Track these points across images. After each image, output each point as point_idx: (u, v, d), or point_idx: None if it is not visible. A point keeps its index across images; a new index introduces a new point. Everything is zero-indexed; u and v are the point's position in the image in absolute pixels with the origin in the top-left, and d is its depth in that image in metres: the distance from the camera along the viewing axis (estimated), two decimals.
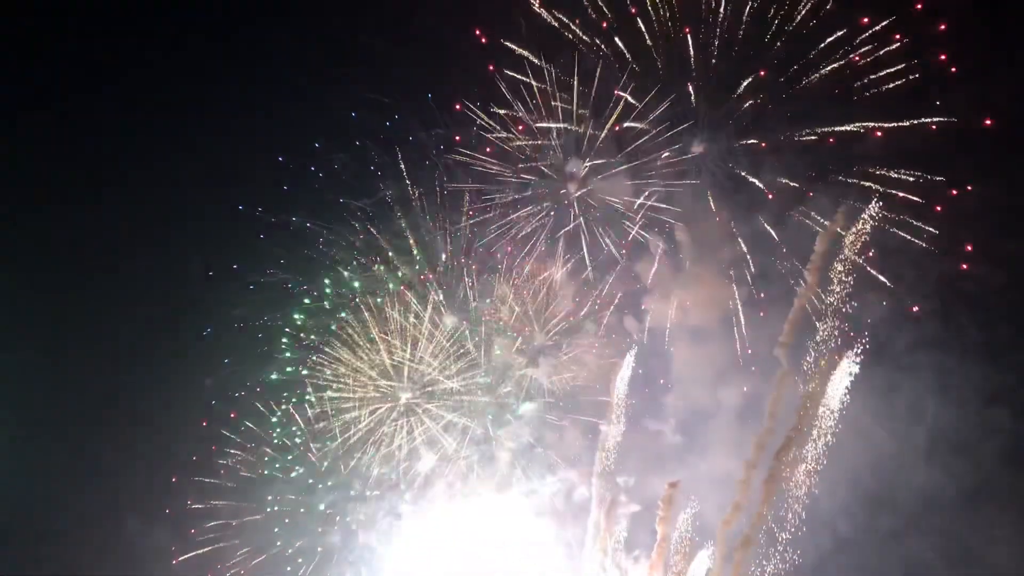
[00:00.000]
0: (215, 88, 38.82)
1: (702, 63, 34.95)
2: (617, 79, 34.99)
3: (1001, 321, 32.85)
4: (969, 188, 32.92)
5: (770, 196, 34.72)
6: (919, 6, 32.71)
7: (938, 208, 33.45)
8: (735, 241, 35.22)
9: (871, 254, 34.51)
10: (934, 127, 32.89)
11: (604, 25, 34.88)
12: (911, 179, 33.71)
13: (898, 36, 32.79)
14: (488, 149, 36.24)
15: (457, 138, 36.32)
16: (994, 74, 32.02)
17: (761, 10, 34.02)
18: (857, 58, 33.38)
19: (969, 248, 33.33)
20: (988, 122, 32.37)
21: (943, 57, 32.39)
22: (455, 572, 36.90)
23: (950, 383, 33.01)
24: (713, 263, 35.61)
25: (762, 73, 34.38)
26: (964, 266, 33.35)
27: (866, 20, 32.91)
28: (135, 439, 38.95)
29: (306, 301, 37.81)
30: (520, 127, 35.87)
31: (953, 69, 32.30)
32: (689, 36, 34.64)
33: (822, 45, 33.61)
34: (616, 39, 34.85)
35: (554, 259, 36.76)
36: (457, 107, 35.96)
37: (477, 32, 35.37)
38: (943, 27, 32.35)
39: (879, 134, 33.65)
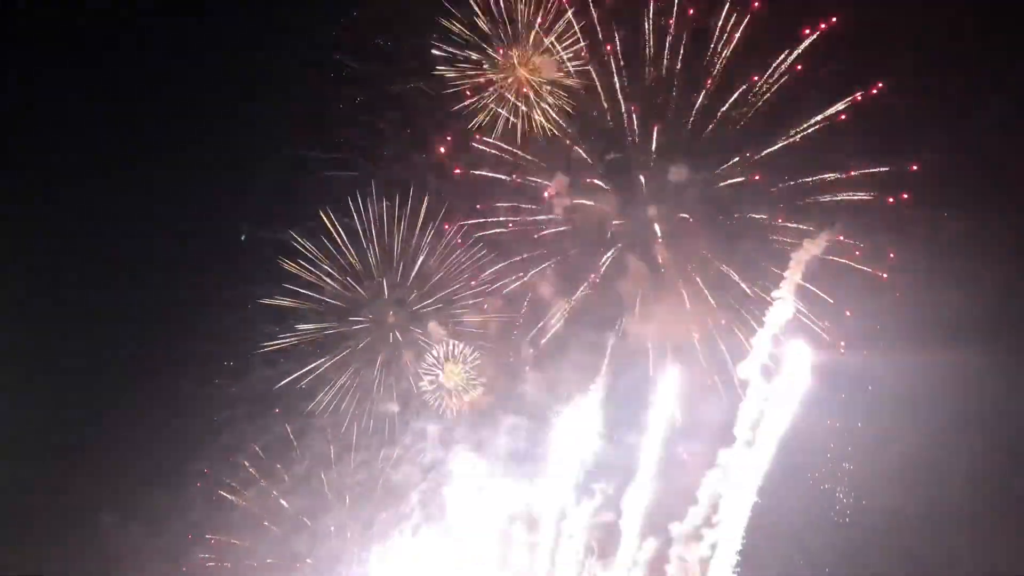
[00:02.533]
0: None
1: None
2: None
3: (972, 347, 33.81)
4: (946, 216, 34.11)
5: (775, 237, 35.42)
6: None
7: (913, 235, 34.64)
8: (717, 262, 35.84)
9: (843, 277, 35.43)
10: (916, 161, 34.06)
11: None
12: (889, 205, 34.76)
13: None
14: None
15: None
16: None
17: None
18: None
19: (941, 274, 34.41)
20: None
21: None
22: None
23: (919, 406, 33.95)
24: (694, 283, 36.12)
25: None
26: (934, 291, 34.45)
27: None
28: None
29: None
30: None
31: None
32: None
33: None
34: None
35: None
36: None
37: None
38: None
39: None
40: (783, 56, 34.64)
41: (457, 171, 36.97)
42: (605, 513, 35.95)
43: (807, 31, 34.28)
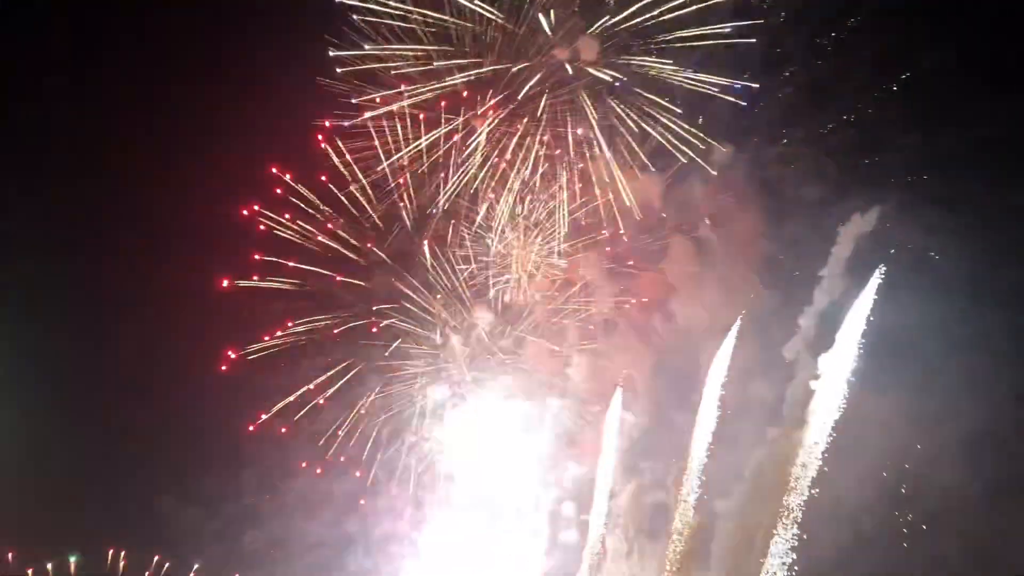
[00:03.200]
0: None
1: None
2: None
3: None
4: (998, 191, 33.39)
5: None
6: None
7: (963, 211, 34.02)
8: (765, 241, 35.65)
9: (894, 254, 34.95)
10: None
11: None
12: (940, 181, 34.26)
13: None
14: None
15: None
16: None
17: None
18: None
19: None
20: None
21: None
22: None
23: (977, 382, 33.16)
24: (742, 263, 35.94)
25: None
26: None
27: None
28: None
29: None
30: None
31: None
32: None
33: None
34: None
35: None
36: None
37: None
38: None
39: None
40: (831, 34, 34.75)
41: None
42: (654, 492, 35.89)
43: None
